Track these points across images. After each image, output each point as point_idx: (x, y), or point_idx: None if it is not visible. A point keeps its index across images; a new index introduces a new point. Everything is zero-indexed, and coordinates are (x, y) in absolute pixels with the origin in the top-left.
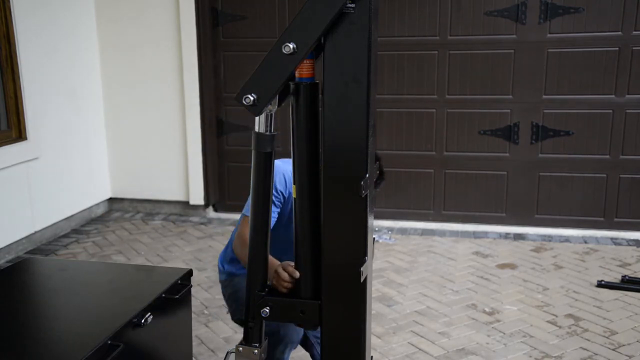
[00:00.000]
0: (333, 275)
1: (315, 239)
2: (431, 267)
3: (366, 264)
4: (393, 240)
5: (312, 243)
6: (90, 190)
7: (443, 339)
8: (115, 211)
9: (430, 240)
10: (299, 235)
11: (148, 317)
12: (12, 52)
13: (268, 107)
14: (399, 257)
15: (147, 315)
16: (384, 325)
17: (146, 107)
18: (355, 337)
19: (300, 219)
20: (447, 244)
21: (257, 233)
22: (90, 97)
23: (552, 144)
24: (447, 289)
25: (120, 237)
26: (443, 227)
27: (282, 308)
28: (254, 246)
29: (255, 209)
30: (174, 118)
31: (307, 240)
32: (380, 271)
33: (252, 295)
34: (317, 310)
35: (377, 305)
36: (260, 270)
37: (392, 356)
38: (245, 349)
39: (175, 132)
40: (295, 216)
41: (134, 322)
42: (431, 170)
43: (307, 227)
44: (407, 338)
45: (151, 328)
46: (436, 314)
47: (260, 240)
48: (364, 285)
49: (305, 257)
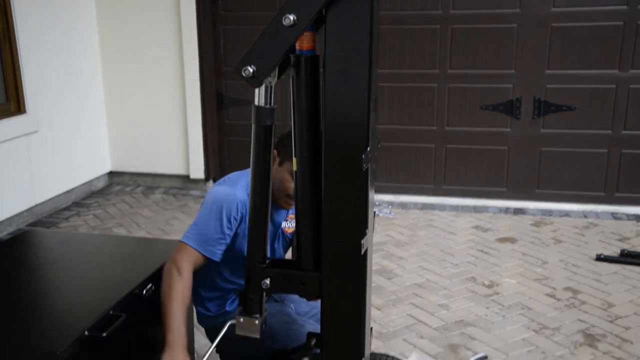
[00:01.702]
0: (334, 247)
1: (315, 212)
2: (431, 241)
3: (367, 237)
4: (393, 214)
5: (313, 216)
6: (90, 163)
7: (442, 311)
8: (115, 185)
9: (431, 215)
10: (300, 209)
11: (149, 287)
12: (9, 25)
13: (268, 80)
14: (399, 231)
15: (148, 286)
16: (384, 298)
17: (146, 81)
18: (355, 309)
19: (302, 192)
20: (447, 218)
21: (257, 204)
22: (89, 70)
23: (554, 119)
24: (446, 263)
25: (121, 210)
26: (443, 202)
27: (282, 280)
28: (254, 216)
29: (256, 181)
30: (174, 92)
31: (308, 213)
32: (381, 245)
33: (253, 267)
34: (317, 282)
35: (377, 278)
36: (261, 241)
37: (391, 327)
38: (246, 319)
39: (175, 106)
40: (297, 189)
41: (136, 292)
42: (432, 145)
43: (308, 200)
44: (406, 310)
45: (152, 299)
46: (436, 287)
47: (260, 210)
48: (365, 257)
49: (306, 230)
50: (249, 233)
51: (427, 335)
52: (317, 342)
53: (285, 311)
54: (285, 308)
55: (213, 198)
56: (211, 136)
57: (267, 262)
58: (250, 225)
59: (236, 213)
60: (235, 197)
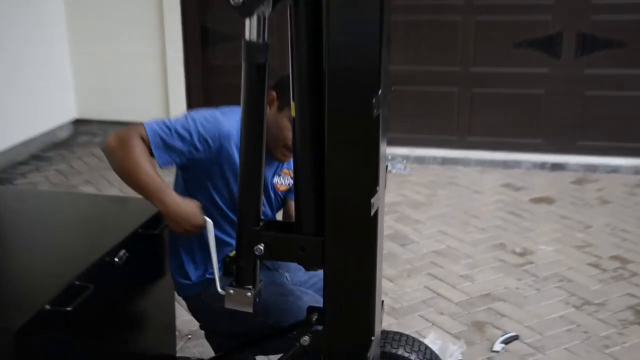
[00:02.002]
0: (339, 207)
1: (318, 166)
2: (453, 201)
3: (377, 196)
4: (409, 170)
5: (315, 171)
6: (51, 110)
7: (465, 283)
8: (81, 135)
9: (453, 171)
10: (299, 162)
11: (122, 254)
12: None
13: (260, 9)
14: (415, 190)
15: (121, 252)
16: (397, 267)
17: (117, 13)
18: (364, 280)
19: (301, 143)
20: (472, 174)
21: (249, 156)
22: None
23: (601, 57)
24: (471, 226)
25: (88, 165)
26: (468, 156)
27: (279, 245)
28: (246, 171)
29: (247, 129)
30: (150, 25)
31: (309, 167)
32: (394, 205)
33: (245, 230)
34: (319, 247)
35: (390, 244)
36: (254, 200)
37: (406, 302)
38: (237, 291)
39: (152, 41)
40: (295, 140)
41: (106, 260)
42: (455, 88)
43: (308, 152)
44: (423, 282)
45: (126, 267)
46: (458, 255)
47: (253, 164)
48: (375, 219)
49: (306, 187)
50: (240, 190)
51: (448, 311)
52: (318, 318)
53: (279, 281)
54: (279, 277)
55: (200, 113)
56: (195, 77)
57: (261, 224)
58: (241, 180)
59: (214, 140)
60: (222, 127)
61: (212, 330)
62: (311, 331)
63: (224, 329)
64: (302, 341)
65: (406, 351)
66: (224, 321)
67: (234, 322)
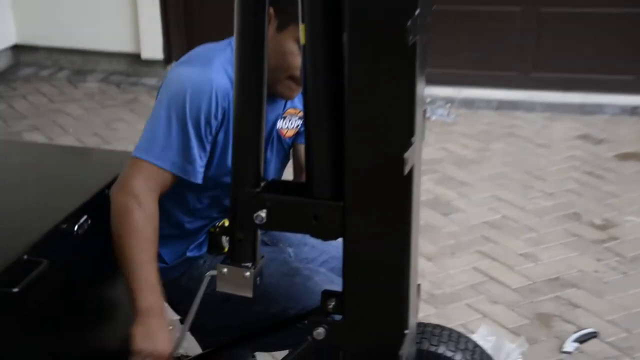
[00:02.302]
0: (363, 164)
1: (335, 109)
2: (511, 158)
3: (412, 149)
4: (453, 117)
5: (331, 115)
6: None
7: (527, 264)
8: (24, 66)
9: (512, 118)
10: (310, 107)
11: (83, 222)
12: None
13: None
14: (462, 143)
15: (81, 219)
16: (438, 243)
17: None
18: (395, 257)
19: (313, 77)
20: (537, 122)
21: (245, 94)
22: None
23: None
24: (535, 191)
25: (35, 106)
26: (532, 98)
27: (285, 212)
28: (242, 114)
29: (242, 56)
30: None
31: (324, 112)
32: (434, 163)
33: (241, 193)
34: (338, 214)
35: (429, 213)
36: (253, 153)
37: (448, 287)
38: (232, 270)
39: None
40: (306, 76)
41: (63, 228)
42: (517, 8)
43: (323, 92)
44: (471, 261)
45: (88, 238)
46: (517, 227)
47: (251, 103)
48: (409, 180)
49: (320, 136)
50: (235, 140)
51: (504, 299)
52: (336, 305)
53: (282, 258)
54: (280, 254)
55: (176, 88)
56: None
57: (263, 184)
58: (235, 128)
59: (216, 110)
60: (212, 83)
61: (198, 323)
62: (327, 322)
63: (213, 323)
64: (316, 334)
65: (449, 349)
66: (211, 312)
67: (225, 313)
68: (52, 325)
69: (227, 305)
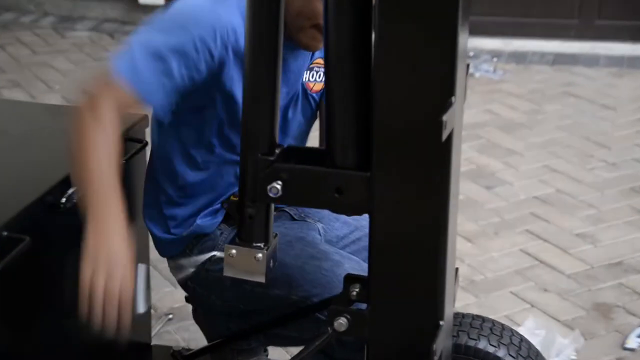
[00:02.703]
0: (394, 128)
1: (362, 66)
2: (568, 122)
3: (452, 111)
4: (501, 73)
5: (358, 74)
6: None
7: (584, 246)
8: (3, 11)
9: (569, 74)
10: (332, 60)
11: (71, 194)
12: None
13: None
14: (510, 104)
15: (68, 191)
16: (479, 221)
17: None
18: (429, 236)
19: (337, 30)
20: (600, 80)
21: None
22: None
23: None
24: (595, 160)
25: (15, 59)
26: (595, 50)
27: (303, 183)
28: (254, 66)
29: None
30: None
31: (348, 67)
32: (477, 127)
33: (252, 161)
34: (364, 186)
35: (469, 186)
36: (266, 114)
37: (491, 272)
38: (242, 251)
39: None
40: (328, 24)
41: (48, 201)
42: None
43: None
44: (518, 243)
45: (76, 212)
46: (573, 203)
47: (264, 54)
48: (447, 147)
49: (344, 99)
50: (245, 98)
51: (556, 286)
52: (361, 292)
53: (309, 237)
54: (308, 230)
55: (174, 12)
56: None
57: (278, 151)
58: (246, 83)
59: (218, 41)
60: (220, 18)
61: (206, 307)
62: (350, 311)
63: (221, 305)
64: (337, 325)
65: (491, 344)
66: (221, 292)
67: (238, 298)
68: (34, 310)
69: (241, 290)
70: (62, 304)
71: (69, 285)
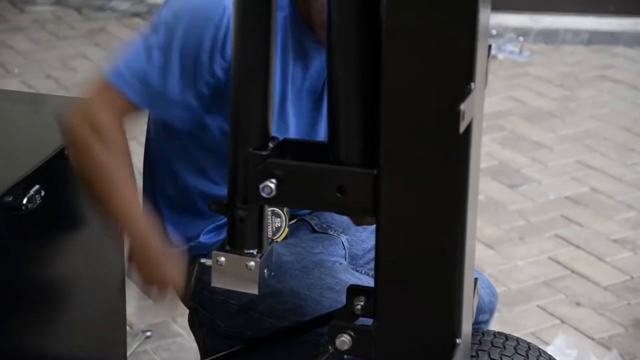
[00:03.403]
0: (404, 119)
1: (368, 48)
2: (605, 111)
3: (471, 99)
4: (528, 55)
5: (363, 56)
6: None
7: (623, 253)
8: None
9: (608, 55)
10: (334, 39)
11: (34, 193)
12: None
13: None
14: (538, 90)
15: (32, 190)
16: (503, 224)
17: None
18: (444, 242)
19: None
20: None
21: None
22: None
23: None
24: (636, 155)
25: None
26: (637, 27)
27: (300, 182)
28: (245, 64)
29: None
30: None
31: (353, 48)
32: (500, 117)
33: (243, 156)
34: (370, 185)
35: (491, 184)
36: (258, 106)
37: (515, 282)
38: (232, 259)
39: None
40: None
41: (7, 203)
42: None
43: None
44: (546, 250)
45: (40, 214)
46: (610, 205)
47: (254, 49)
48: (466, 140)
49: (347, 85)
50: (234, 84)
51: (590, 300)
52: (366, 306)
53: (330, 262)
54: (331, 249)
55: (177, 6)
56: None
57: (272, 145)
58: (235, 67)
59: (223, 42)
60: (225, 9)
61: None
62: (354, 327)
63: (229, 331)
64: (339, 343)
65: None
66: (230, 319)
67: (246, 324)
68: None
69: (248, 314)
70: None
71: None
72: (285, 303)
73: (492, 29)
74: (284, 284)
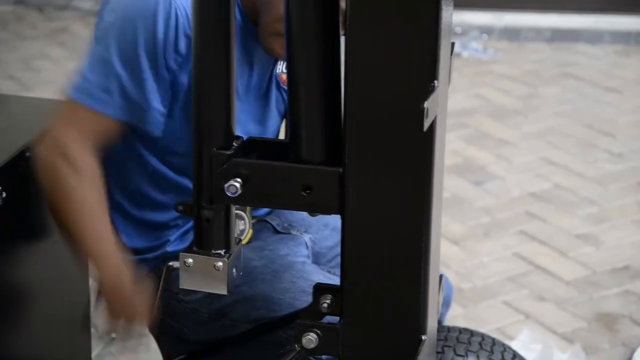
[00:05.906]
0: (368, 117)
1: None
2: (568, 108)
3: (434, 97)
4: (492, 52)
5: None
6: None
7: (585, 248)
8: None
9: (569, 52)
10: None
11: None
12: None
13: None
14: (502, 88)
15: None
16: (467, 222)
17: None
18: (409, 239)
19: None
20: (604, 58)
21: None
22: None
23: None
24: (598, 151)
25: None
26: (598, 24)
27: (265, 180)
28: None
29: None
30: None
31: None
32: (464, 115)
33: (207, 156)
34: (336, 182)
35: (457, 181)
36: (221, 105)
37: (480, 279)
38: (199, 259)
39: None
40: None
41: None
42: None
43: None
44: (510, 245)
45: (3, 214)
46: (573, 200)
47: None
48: (430, 138)
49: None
50: (195, 83)
51: (554, 295)
52: (333, 304)
53: (299, 264)
54: (296, 249)
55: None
56: None
57: (236, 144)
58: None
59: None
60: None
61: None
62: (320, 325)
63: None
64: (305, 342)
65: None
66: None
67: (219, 330)
68: None
69: (220, 321)
70: None
71: None
72: (259, 309)
73: (456, 27)
74: (256, 289)
